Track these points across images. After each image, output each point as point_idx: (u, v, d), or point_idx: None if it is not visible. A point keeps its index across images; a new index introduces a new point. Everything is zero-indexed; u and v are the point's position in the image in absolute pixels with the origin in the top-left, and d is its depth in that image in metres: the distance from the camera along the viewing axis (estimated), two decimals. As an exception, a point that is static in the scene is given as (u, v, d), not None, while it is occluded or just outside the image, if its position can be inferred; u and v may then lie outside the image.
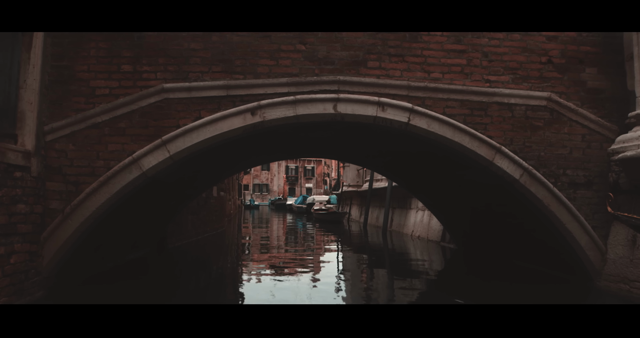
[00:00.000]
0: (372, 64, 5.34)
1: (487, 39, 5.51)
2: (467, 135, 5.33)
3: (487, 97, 5.43)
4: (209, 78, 5.15)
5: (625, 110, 5.70)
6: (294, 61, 5.24)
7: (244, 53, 5.19)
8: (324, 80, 5.23)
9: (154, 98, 5.07)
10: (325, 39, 5.28)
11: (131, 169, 5.00)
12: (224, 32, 5.16)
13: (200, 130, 5.09)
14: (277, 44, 5.23)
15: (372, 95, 5.26)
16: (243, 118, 5.14)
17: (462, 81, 5.43)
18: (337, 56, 5.29)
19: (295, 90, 5.21)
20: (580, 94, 5.68)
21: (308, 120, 5.28)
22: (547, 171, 5.51)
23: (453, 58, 5.44)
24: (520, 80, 5.55)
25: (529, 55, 5.58)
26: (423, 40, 5.42)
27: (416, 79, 5.36)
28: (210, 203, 14.31)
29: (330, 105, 5.21)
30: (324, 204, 31.54)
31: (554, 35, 5.64)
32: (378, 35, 5.36)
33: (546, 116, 5.55)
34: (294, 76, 5.23)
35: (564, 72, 5.64)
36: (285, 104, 5.17)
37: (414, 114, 5.27)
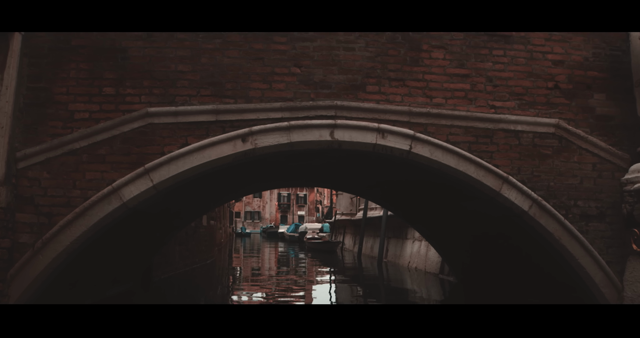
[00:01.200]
0: (371, 88, 5.04)
1: (491, 63, 5.26)
2: (472, 164, 5.00)
3: (493, 124, 5.13)
4: (197, 102, 4.81)
5: (636, 138, 5.43)
6: (288, 85, 4.93)
7: (235, 76, 4.87)
8: (320, 105, 4.91)
9: (138, 123, 4.71)
10: (322, 61, 4.99)
11: (110, 200, 4.60)
12: (214, 54, 4.86)
13: (186, 158, 4.72)
14: (271, 66, 4.93)
15: (371, 121, 4.94)
16: (233, 145, 4.79)
17: (466, 106, 5.13)
18: (334, 79, 5.00)
19: (289, 115, 4.88)
20: (589, 121, 5.40)
21: (303, 147, 4.94)
22: (557, 202, 5.17)
23: (456, 83, 5.16)
24: (527, 106, 5.27)
25: (535, 80, 5.32)
26: (424, 64, 5.14)
27: (418, 104, 5.06)
28: (200, 233, 13.81)
29: (327, 131, 4.88)
30: (317, 232, 31.00)
31: (560, 59, 5.40)
32: (377, 59, 5.08)
33: (555, 143, 5.26)
34: (288, 100, 4.91)
35: (572, 98, 5.38)
36: (279, 130, 4.84)
37: (416, 142, 4.94)
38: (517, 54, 5.32)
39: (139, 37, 4.78)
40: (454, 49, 5.21)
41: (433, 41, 5.19)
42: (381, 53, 5.10)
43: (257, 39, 4.92)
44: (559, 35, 5.44)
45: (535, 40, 5.38)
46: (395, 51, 5.13)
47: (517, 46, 5.33)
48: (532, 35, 5.37)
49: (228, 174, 5.88)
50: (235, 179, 6.59)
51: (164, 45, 4.81)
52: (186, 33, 4.83)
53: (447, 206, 6.63)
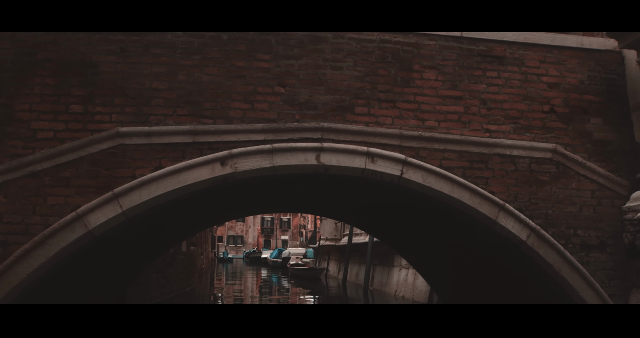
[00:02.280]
0: (360, 109, 4.75)
1: (485, 84, 5.02)
2: (467, 191, 4.70)
3: (488, 149, 4.87)
4: (172, 122, 4.46)
5: (635, 164, 5.21)
6: (271, 105, 4.62)
7: (214, 94, 4.55)
8: (306, 127, 4.60)
9: (107, 144, 4.33)
10: (308, 80, 4.70)
11: (74, 228, 4.17)
12: (192, 71, 4.53)
13: (160, 182, 4.34)
14: (253, 85, 4.61)
15: (360, 144, 4.63)
16: (211, 169, 4.43)
17: (459, 130, 4.86)
18: (320, 99, 4.70)
19: (272, 137, 4.55)
20: (586, 146, 5.17)
21: (287, 172, 4.60)
22: (556, 231, 4.88)
23: (449, 105, 4.90)
24: (523, 130, 5.02)
25: (530, 103, 5.09)
26: (416, 85, 4.89)
27: (409, 127, 4.78)
28: (179, 259, 13.25)
29: (313, 155, 4.55)
30: (300, 258, 30.39)
31: (555, 82, 5.20)
32: (366, 78, 4.81)
33: (552, 169, 5.00)
34: (271, 121, 4.59)
35: (568, 123, 5.16)
36: (261, 153, 4.50)
37: (408, 167, 4.64)
38: (511, 76, 5.11)
39: (112, 52, 4.45)
40: (447, 69, 4.97)
41: (424, 61, 4.95)
42: (370, 73, 4.83)
43: (238, 56, 4.63)
44: (553, 58, 5.25)
45: (530, 62, 5.18)
46: (385, 70, 4.87)
47: (511, 67, 5.12)
48: (526, 57, 5.18)
49: (206, 200, 5.49)
50: (214, 205, 6.19)
51: (138, 60, 4.48)
52: (162, 48, 4.52)
53: (438, 234, 6.30)
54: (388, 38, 4.92)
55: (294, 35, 4.73)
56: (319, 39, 4.77)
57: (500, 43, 5.13)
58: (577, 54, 5.32)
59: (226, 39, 4.63)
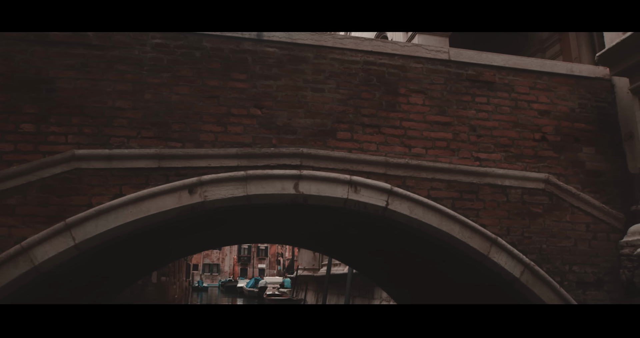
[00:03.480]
0: (342, 135, 4.41)
1: (474, 110, 4.75)
2: (457, 223, 4.36)
3: (478, 178, 4.56)
4: (136, 145, 4.04)
5: (629, 195, 4.97)
6: (246, 128, 4.24)
7: (183, 116, 4.16)
8: (284, 152, 4.23)
9: (61, 168, 3.88)
10: (286, 103, 4.36)
11: (17, 263, 3.67)
12: (160, 89, 4.15)
13: (119, 211, 3.89)
14: (227, 106, 4.24)
15: (342, 172, 4.27)
16: (178, 197, 4.00)
17: (448, 158, 4.55)
18: (300, 123, 4.35)
19: (246, 164, 4.16)
20: (579, 177, 4.91)
21: (262, 201, 4.19)
22: (551, 267, 4.55)
23: (437, 131, 4.60)
24: (514, 159, 4.74)
25: (521, 131, 4.84)
26: (402, 110, 4.58)
27: (395, 154, 4.44)
28: (148, 291, 12.55)
29: (291, 183, 4.17)
30: (277, 288, 29.56)
31: (546, 109, 4.97)
32: (349, 102, 4.49)
33: (545, 201, 4.71)
34: (246, 146, 4.20)
35: (560, 152, 4.90)
36: (234, 180, 4.09)
37: (393, 197, 4.28)
38: (501, 102, 4.86)
39: (71, 66, 4.04)
40: (434, 94, 4.70)
41: (411, 85, 4.67)
42: (354, 96, 4.52)
43: (212, 74, 4.27)
44: (544, 84, 5.04)
45: (520, 88, 4.95)
46: (369, 93, 4.57)
47: (501, 93, 4.88)
48: (516, 83, 4.95)
49: (174, 231, 5.02)
50: (184, 236, 5.71)
51: (100, 77, 4.08)
52: (128, 64, 4.13)
53: (425, 269, 5.92)
54: (372, 59, 4.63)
55: (272, 54, 4.41)
56: (299, 58, 4.46)
57: (489, 68, 4.90)
58: (567, 80, 5.13)
59: (199, 56, 4.28)
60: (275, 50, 4.42)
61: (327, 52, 4.51)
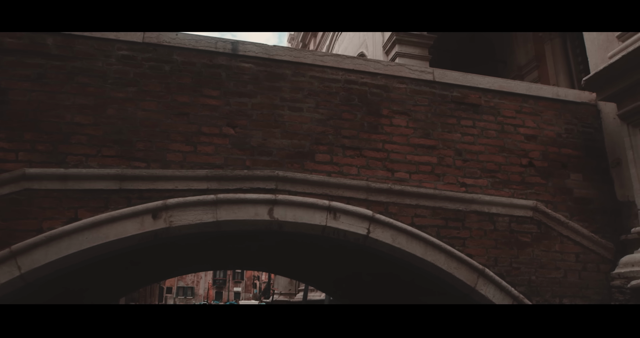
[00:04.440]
0: (321, 157, 4.14)
1: (460, 134, 4.54)
2: (442, 253, 4.08)
3: (465, 205, 4.31)
4: (96, 164, 3.68)
5: (618, 224, 4.78)
6: (218, 148, 3.93)
7: (149, 133, 3.83)
8: (258, 175, 3.92)
9: (9, 188, 3.49)
10: (262, 122, 4.07)
11: (-48, 296, 3.25)
12: (125, 104, 3.83)
13: (74, 237, 3.50)
14: (197, 124, 3.94)
15: (320, 197, 3.97)
16: (140, 222, 3.64)
17: (433, 183, 4.31)
18: (276, 144, 4.06)
19: (217, 187, 3.84)
20: (567, 204, 4.71)
21: (233, 228, 3.86)
22: (540, 300, 4.29)
23: (421, 155, 4.36)
24: (501, 185, 4.52)
25: (508, 156, 4.64)
26: (385, 132, 4.34)
27: (377, 178, 4.18)
28: (114, 318, 11.85)
29: (265, 209, 3.85)
30: (253, 314, 28.68)
31: (533, 134, 4.79)
32: (329, 122, 4.23)
33: (533, 229, 4.48)
34: (217, 167, 3.89)
35: (548, 178, 4.71)
36: (203, 205, 3.76)
37: (375, 225, 4.00)
38: (487, 125, 4.66)
39: (27, 77, 3.69)
40: (418, 116, 4.48)
41: (394, 105, 4.44)
42: (334, 116, 4.27)
43: (182, 89, 3.97)
44: (530, 108, 4.87)
45: (506, 112, 4.77)
46: (350, 114, 4.32)
47: (487, 116, 4.69)
48: (502, 106, 4.77)
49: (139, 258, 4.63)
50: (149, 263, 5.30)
51: (59, 89, 3.74)
52: (90, 77, 3.81)
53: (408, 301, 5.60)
54: (354, 78, 4.40)
55: (248, 69, 4.14)
56: (277, 75, 4.20)
57: (475, 90, 4.72)
58: (553, 105, 4.98)
59: (168, 70, 3.98)
60: (251, 66, 4.15)
61: (306, 70, 4.27)
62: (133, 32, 3.96)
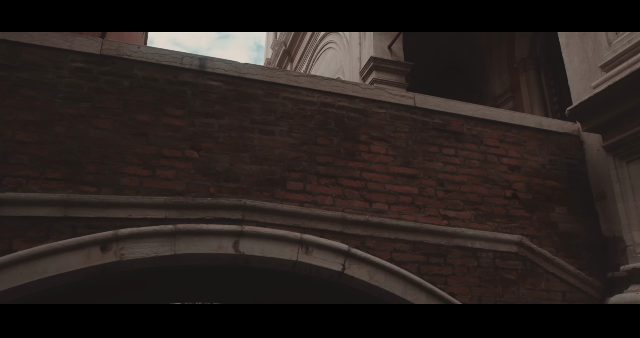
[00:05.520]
0: (293, 185, 3.79)
1: (442, 163, 4.28)
2: (423, 292, 3.75)
3: (447, 240, 4.01)
4: (38, 188, 3.25)
5: (604, 260, 4.55)
6: (179, 173, 3.55)
7: (102, 155, 3.43)
8: (223, 204, 3.54)
9: None
10: (229, 145, 3.72)
11: None
12: (76, 122, 3.42)
13: (5, 272, 3.03)
14: (157, 146, 3.56)
15: (291, 229, 3.61)
16: (86, 255, 3.21)
17: (413, 215, 4.00)
18: (244, 170, 3.70)
19: (177, 216, 3.44)
20: (553, 239, 4.47)
21: (193, 262, 3.46)
22: (526, 344, 3.98)
23: (401, 185, 4.07)
24: (484, 218, 4.25)
25: (491, 187, 4.39)
26: (362, 159, 4.04)
27: (354, 209, 3.85)
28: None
29: (230, 241, 3.46)
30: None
31: (516, 164, 4.57)
32: (303, 147, 3.91)
33: (518, 266, 4.20)
34: (177, 194, 3.50)
35: (532, 211, 4.47)
36: (159, 236, 3.35)
37: (351, 260, 3.65)
38: (469, 154, 4.42)
39: (-39, 90, 3.28)
40: (398, 143, 4.20)
41: (373, 131, 4.16)
42: (308, 141, 3.95)
43: (142, 107, 3.60)
44: (513, 137, 4.67)
45: (489, 141, 4.55)
46: (326, 139, 4.01)
47: (470, 145, 4.45)
48: (484, 135, 4.55)
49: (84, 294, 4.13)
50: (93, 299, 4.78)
51: (0, 102, 3.32)
52: (38, 90, 3.41)
53: None
54: (331, 101, 4.12)
55: (216, 88, 3.81)
56: (247, 95, 3.87)
57: (457, 117, 4.50)
58: (536, 135, 4.79)
59: (127, 85, 3.62)
60: (219, 84, 3.82)
61: (279, 90, 3.96)
62: (90, 43, 3.60)
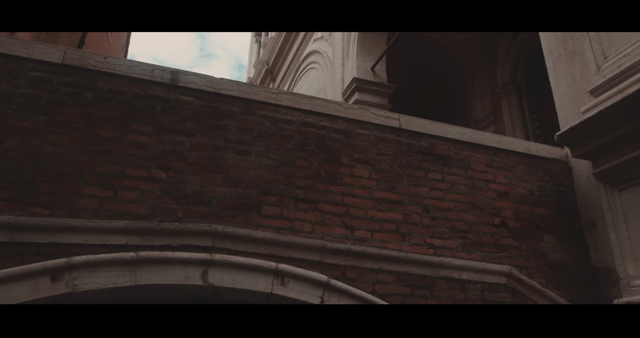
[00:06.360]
0: (269, 210, 3.51)
1: (428, 188, 4.05)
2: (408, 328, 3.46)
3: (433, 270, 3.75)
4: (-18, 210, 2.91)
5: (595, 293, 4.34)
6: (144, 195, 3.24)
7: (58, 173, 3.11)
8: (192, 230, 3.23)
9: None
10: (201, 165, 3.43)
11: None
12: (31, 136, 3.10)
13: (-63, 306, 2.68)
14: (121, 164, 3.25)
15: (266, 258, 3.31)
16: (34, 286, 2.86)
17: (397, 244, 3.74)
18: (216, 193, 3.41)
19: (139, 242, 3.12)
20: (542, 270, 4.25)
21: (157, 294, 3.12)
22: (516, 385, 3.70)
23: (385, 211, 3.81)
24: (472, 247, 4.01)
25: (479, 214, 4.17)
26: (344, 183, 3.79)
27: (334, 237, 3.57)
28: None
29: (198, 271, 3.15)
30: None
31: (504, 191, 4.38)
32: (281, 169, 3.64)
33: (508, 298, 3.96)
34: (141, 218, 3.18)
35: (521, 240, 4.26)
36: (119, 264, 3.02)
37: (330, 292, 3.35)
38: (457, 179, 4.21)
39: None
40: (382, 166, 3.97)
41: (356, 154, 3.92)
42: (287, 162, 3.69)
43: (106, 122, 3.30)
44: (501, 162, 4.48)
45: (476, 166, 4.35)
46: (306, 161, 3.76)
47: (457, 169, 4.25)
48: (472, 159, 4.36)
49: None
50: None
51: (-57, 115, 3.00)
52: (-13, 102, 3.10)
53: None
54: (312, 121, 3.88)
55: (189, 104, 3.54)
56: (222, 112, 3.61)
57: (444, 140, 4.30)
58: (524, 160, 4.62)
59: (91, 98, 3.32)
60: (192, 99, 3.56)
61: (257, 108, 3.71)
62: (51, 52, 3.31)
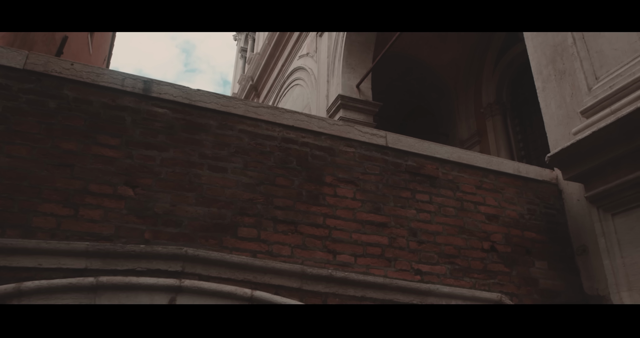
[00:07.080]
0: (246, 232, 3.25)
1: (415, 210, 3.84)
2: (393, 362, 3.21)
3: (420, 298, 3.52)
4: None
5: (587, 324, 4.14)
6: (108, 214, 2.96)
7: (12, 188, 2.82)
8: (159, 253, 2.96)
9: None
10: (172, 182, 3.17)
11: None
12: (-19, 149, 2.83)
13: None
14: (84, 180, 2.97)
15: (241, 285, 3.04)
16: (-23, 315, 2.54)
17: (383, 269, 3.51)
18: (188, 212, 3.15)
19: (100, 266, 2.83)
20: (533, 297, 4.04)
21: (116, 324, 2.82)
22: None
23: (370, 234, 3.58)
24: (461, 273, 3.79)
25: (468, 238, 3.96)
26: (327, 203, 3.55)
27: (315, 262, 3.32)
28: None
29: (165, 298, 2.86)
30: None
31: (494, 213, 4.19)
32: (259, 188, 3.39)
33: (498, 330, 3.73)
34: (103, 239, 2.90)
35: (512, 266, 4.06)
36: (75, 291, 2.72)
37: (310, 322, 3.09)
38: (445, 201, 4.01)
39: None
40: (367, 186, 3.75)
41: (340, 172, 3.70)
42: (266, 180, 3.45)
43: (69, 133, 3.03)
44: (490, 184, 4.31)
45: (465, 187, 4.16)
46: (286, 179, 3.52)
47: (445, 191, 4.05)
48: (461, 180, 4.17)
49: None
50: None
51: None
52: (-64, 109, 2.81)
53: None
54: (293, 137, 3.66)
55: (162, 116, 3.29)
56: (198, 126, 3.37)
57: (432, 160, 4.11)
58: (514, 182, 4.45)
59: (54, 107, 3.06)
60: (165, 111, 3.31)
61: (235, 122, 3.48)
62: (12, 56, 3.05)
